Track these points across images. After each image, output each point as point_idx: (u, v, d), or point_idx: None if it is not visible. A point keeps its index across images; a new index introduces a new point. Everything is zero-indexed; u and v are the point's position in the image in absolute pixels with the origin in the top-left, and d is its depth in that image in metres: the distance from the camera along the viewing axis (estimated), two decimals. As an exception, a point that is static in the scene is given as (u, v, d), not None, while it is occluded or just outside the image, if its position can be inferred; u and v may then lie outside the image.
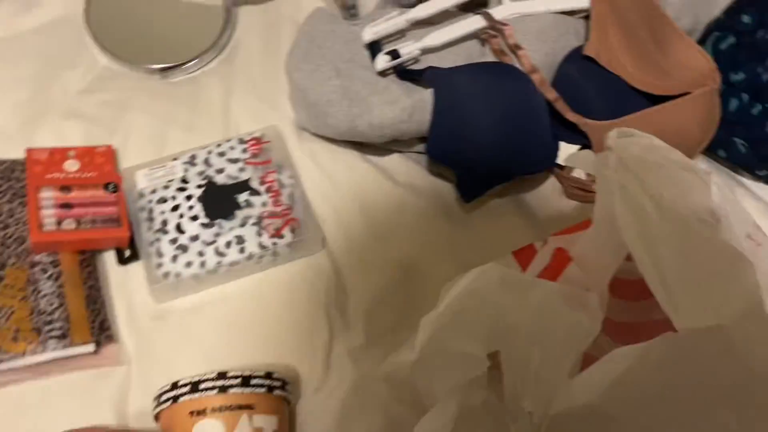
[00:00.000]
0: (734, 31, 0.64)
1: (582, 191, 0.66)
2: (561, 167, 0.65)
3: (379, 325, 0.58)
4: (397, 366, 0.52)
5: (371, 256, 0.61)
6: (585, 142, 0.63)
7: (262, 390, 0.47)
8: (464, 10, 0.69)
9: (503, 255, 0.60)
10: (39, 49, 0.70)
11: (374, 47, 0.67)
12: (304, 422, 0.54)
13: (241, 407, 0.46)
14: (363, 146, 0.66)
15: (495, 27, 0.66)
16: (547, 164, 0.63)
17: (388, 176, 0.66)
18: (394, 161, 0.67)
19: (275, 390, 0.48)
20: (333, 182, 0.65)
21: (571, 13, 0.68)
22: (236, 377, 0.47)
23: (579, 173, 0.67)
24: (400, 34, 0.69)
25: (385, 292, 0.60)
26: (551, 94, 0.64)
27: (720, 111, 0.63)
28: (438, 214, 0.65)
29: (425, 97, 0.63)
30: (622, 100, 0.64)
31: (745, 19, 0.63)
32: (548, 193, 0.67)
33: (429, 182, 0.66)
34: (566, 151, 0.64)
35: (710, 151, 0.67)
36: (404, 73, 0.67)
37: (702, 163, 0.68)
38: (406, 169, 0.67)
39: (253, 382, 0.47)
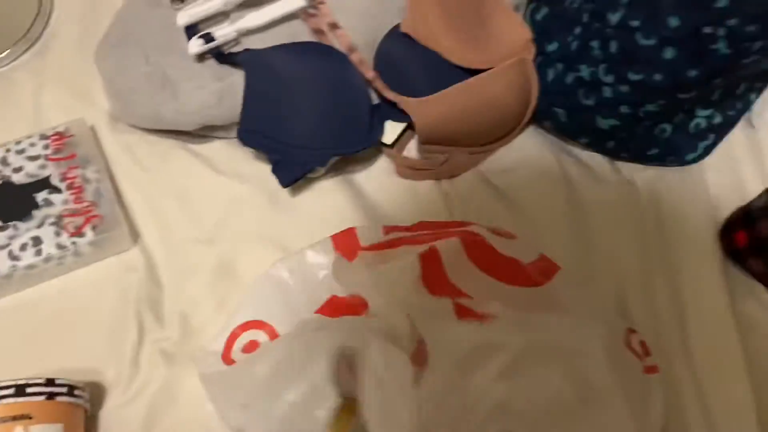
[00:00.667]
0: (547, 1, 0.64)
1: (412, 170, 0.65)
2: (391, 146, 0.65)
3: (195, 321, 0.56)
4: (208, 363, 0.50)
5: (190, 250, 0.59)
6: (410, 120, 0.63)
7: (41, 398, 0.45)
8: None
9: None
10: None
11: (190, 30, 0.65)
12: (108, 426, 0.52)
13: (15, 418, 0.44)
14: (181, 134, 0.64)
15: (313, 5, 0.65)
16: (366, 144, 0.62)
17: (209, 164, 0.64)
18: (214, 148, 0.65)
19: (58, 396, 0.46)
20: (149, 174, 0.62)
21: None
22: (9, 387, 0.44)
23: (410, 151, 0.66)
24: (221, 17, 0.67)
25: (203, 286, 0.58)
26: (369, 73, 0.63)
27: (537, 81, 0.64)
28: (263, 202, 0.63)
29: (236, 80, 0.61)
30: (442, 76, 0.63)
31: (554, -12, 0.63)
32: (380, 173, 0.66)
33: (253, 168, 0.64)
34: (396, 130, 0.64)
35: (537, 122, 0.67)
36: (223, 57, 0.64)
37: (533, 133, 0.68)
38: (228, 156, 0.64)
39: (30, 390, 0.45)
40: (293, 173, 0.62)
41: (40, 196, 0.56)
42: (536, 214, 0.62)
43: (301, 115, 0.60)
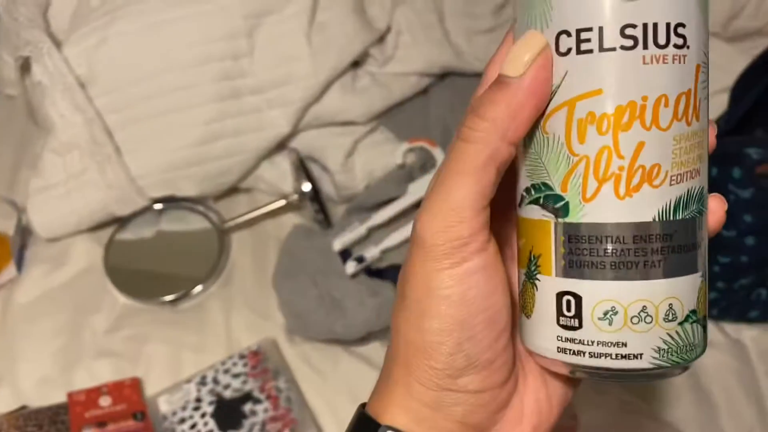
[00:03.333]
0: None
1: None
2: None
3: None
4: None
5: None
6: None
7: None
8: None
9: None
10: (69, 300, 0.84)
11: (344, 254, 0.80)
12: None
13: None
14: (345, 341, 0.78)
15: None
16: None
17: (371, 364, 0.77)
18: (373, 348, 0.78)
19: None
20: (324, 379, 0.76)
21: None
22: None
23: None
24: (365, 239, 0.82)
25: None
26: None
27: None
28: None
29: (388, 293, 0.75)
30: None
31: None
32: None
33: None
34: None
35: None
36: (372, 272, 0.79)
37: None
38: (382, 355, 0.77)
39: None
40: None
41: (247, 408, 0.70)
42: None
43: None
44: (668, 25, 0.26)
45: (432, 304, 0.29)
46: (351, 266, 0.78)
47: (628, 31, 0.26)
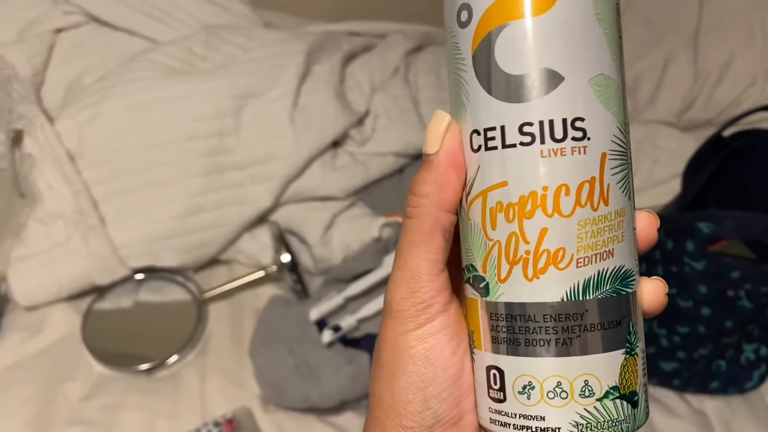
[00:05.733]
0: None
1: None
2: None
3: None
4: None
5: None
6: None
7: None
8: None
9: None
10: (44, 368, 0.84)
11: (321, 323, 0.83)
12: None
13: None
14: (320, 409, 0.79)
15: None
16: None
17: (346, 433, 0.78)
18: (347, 419, 0.79)
19: None
20: (298, 447, 0.76)
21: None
22: None
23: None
24: (341, 309, 0.85)
25: None
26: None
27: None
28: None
29: (363, 361, 0.77)
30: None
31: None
32: None
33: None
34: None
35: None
36: (348, 341, 0.81)
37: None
38: (360, 426, 0.79)
39: None
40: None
41: (220, 475, 0.71)
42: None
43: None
44: (564, 121, 0.28)
45: (400, 364, 0.31)
46: (327, 335, 0.80)
47: (526, 129, 0.29)
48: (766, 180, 0.76)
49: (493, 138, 0.29)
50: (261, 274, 0.90)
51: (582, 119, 0.29)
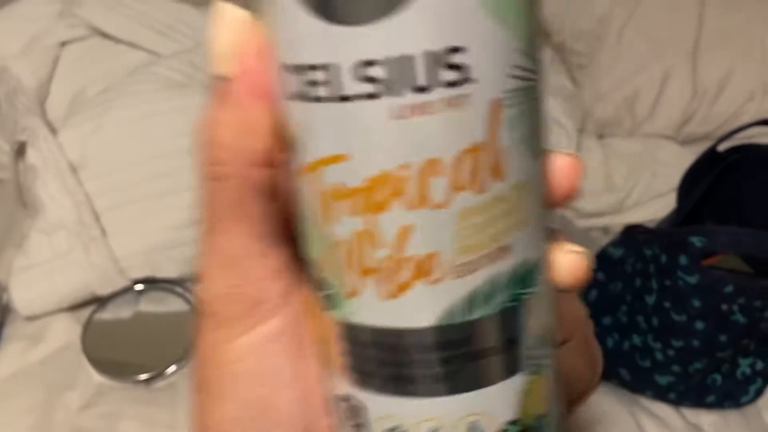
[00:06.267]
0: (596, 286, 0.81)
1: None
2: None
3: None
4: None
5: None
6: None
7: None
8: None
9: None
10: (44, 378, 0.85)
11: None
12: None
13: None
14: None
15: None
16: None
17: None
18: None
19: None
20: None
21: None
22: None
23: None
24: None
25: None
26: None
27: (600, 349, 0.78)
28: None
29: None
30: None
31: (599, 276, 0.80)
32: None
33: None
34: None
35: (607, 379, 0.81)
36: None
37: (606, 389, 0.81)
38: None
39: None
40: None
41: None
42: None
43: None
44: (431, 55, 0.17)
45: (224, 385, 0.22)
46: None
47: (369, 72, 0.17)
48: (762, 195, 0.76)
49: (316, 83, 0.18)
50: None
51: (461, 49, 0.17)
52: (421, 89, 0.17)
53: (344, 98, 0.18)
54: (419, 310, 0.20)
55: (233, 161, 0.20)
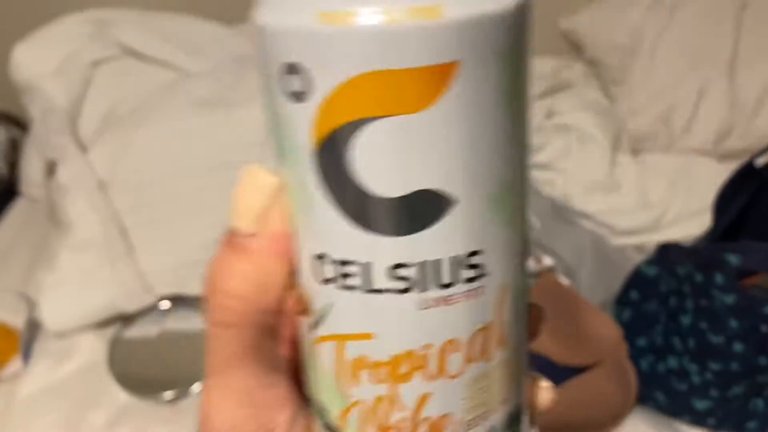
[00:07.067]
0: (629, 304, 0.78)
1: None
2: None
3: None
4: None
5: None
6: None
7: None
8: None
9: None
10: (70, 394, 0.85)
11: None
12: None
13: None
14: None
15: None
16: None
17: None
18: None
19: None
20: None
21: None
22: None
23: None
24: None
25: None
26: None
27: (634, 372, 0.75)
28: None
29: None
30: (546, 373, 0.76)
31: (633, 295, 0.77)
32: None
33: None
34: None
35: (642, 403, 0.78)
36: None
37: (641, 413, 0.78)
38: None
39: None
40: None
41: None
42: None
43: None
44: (455, 259, 0.20)
45: None
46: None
47: (400, 272, 0.20)
48: (803, 211, 0.73)
49: (349, 275, 0.20)
50: (285, 303, 0.90)
51: (478, 252, 0.20)
52: (446, 285, 0.20)
53: (375, 290, 0.20)
54: None
55: (245, 311, 0.22)
